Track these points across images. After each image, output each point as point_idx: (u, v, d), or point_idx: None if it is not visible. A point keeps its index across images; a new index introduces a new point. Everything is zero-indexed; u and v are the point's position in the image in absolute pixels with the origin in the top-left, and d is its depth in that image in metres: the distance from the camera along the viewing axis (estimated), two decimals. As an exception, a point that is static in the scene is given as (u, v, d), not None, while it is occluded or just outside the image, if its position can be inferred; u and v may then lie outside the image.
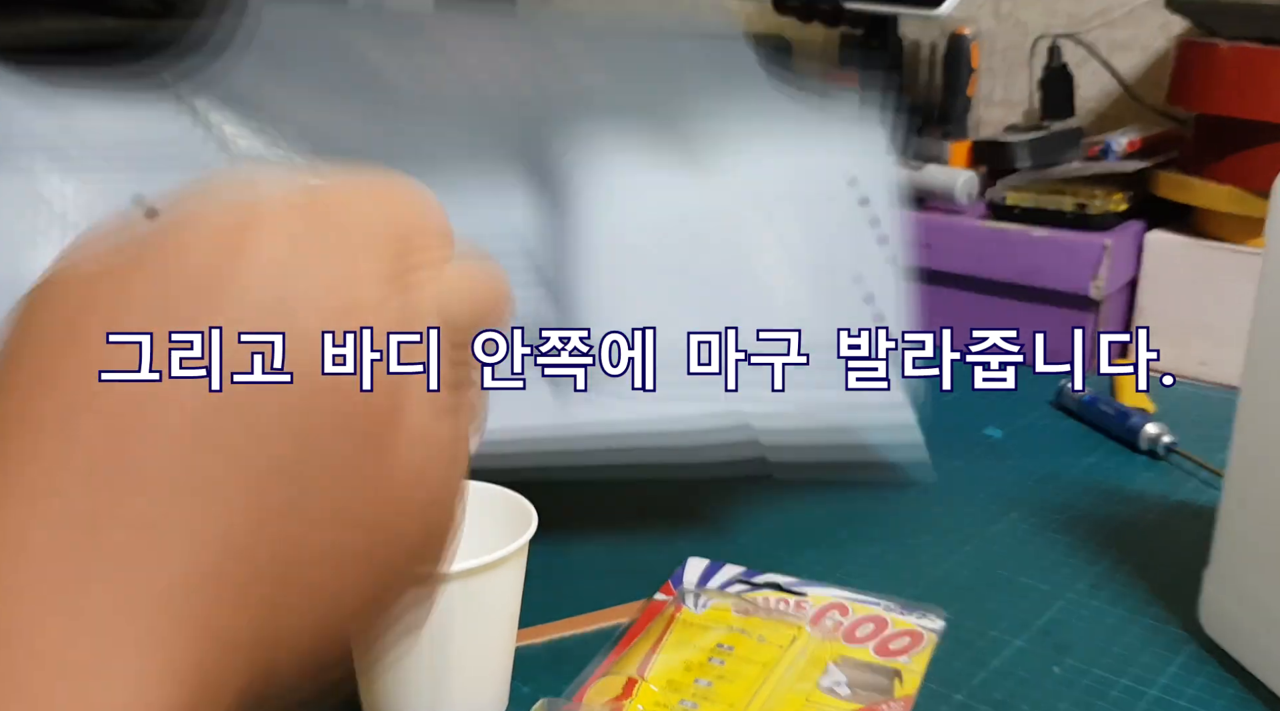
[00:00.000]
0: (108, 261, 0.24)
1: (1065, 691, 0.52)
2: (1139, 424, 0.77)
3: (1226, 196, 0.88)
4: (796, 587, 0.58)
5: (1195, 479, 0.74)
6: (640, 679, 0.50)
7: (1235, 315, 0.88)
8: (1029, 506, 0.69)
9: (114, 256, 0.24)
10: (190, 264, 0.24)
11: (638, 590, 0.59)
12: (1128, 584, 0.61)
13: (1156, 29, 1.05)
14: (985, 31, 1.13)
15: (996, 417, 0.83)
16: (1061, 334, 1.01)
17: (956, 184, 0.95)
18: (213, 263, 0.24)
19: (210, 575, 0.22)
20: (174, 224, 0.24)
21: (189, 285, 0.23)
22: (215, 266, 0.24)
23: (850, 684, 0.51)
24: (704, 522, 0.66)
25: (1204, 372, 0.91)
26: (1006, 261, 0.92)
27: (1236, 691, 0.52)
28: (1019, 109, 1.13)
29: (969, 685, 0.52)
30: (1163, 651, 0.55)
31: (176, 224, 0.24)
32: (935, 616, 0.56)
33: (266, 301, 0.24)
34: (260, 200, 0.25)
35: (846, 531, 0.66)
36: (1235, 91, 0.85)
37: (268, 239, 0.24)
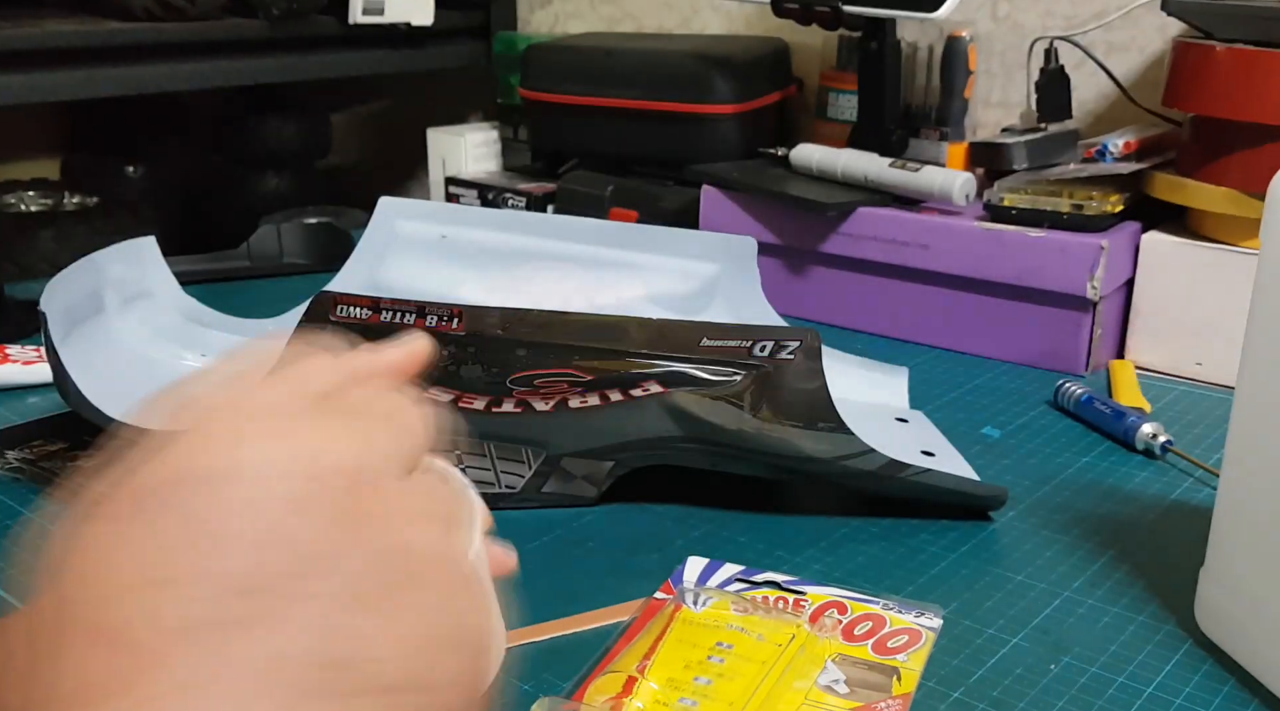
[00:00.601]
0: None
1: (1062, 689, 0.52)
2: (1135, 423, 0.77)
3: (1222, 198, 0.88)
4: (795, 586, 0.59)
5: (1191, 478, 0.74)
6: (640, 677, 0.51)
7: (1231, 315, 0.88)
8: (1026, 505, 0.70)
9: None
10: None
11: (637, 589, 0.59)
12: (1124, 582, 0.61)
13: (1153, 31, 1.05)
14: (982, 34, 1.13)
15: (994, 417, 0.83)
16: (1058, 334, 1.02)
17: (954, 186, 0.95)
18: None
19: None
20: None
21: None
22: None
23: (849, 682, 0.51)
24: (704, 522, 0.67)
25: (1200, 373, 0.91)
26: (1003, 262, 0.92)
27: (1232, 689, 0.52)
28: (1016, 111, 1.13)
29: (966, 683, 0.52)
30: (1159, 649, 0.55)
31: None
32: (933, 614, 0.56)
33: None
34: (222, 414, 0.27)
35: (845, 530, 0.66)
36: (1231, 93, 0.86)
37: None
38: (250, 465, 0.25)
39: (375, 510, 0.26)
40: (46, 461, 0.71)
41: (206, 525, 0.24)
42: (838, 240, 1.00)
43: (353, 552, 0.25)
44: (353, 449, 0.27)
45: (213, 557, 0.24)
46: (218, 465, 0.25)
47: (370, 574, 0.25)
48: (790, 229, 1.03)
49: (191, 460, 0.25)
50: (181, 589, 0.23)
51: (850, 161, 1.02)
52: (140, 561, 0.24)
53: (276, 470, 0.25)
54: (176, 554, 0.24)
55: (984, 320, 0.95)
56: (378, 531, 0.26)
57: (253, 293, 0.85)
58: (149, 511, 0.25)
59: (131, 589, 0.24)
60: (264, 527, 0.24)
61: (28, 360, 0.84)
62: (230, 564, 0.24)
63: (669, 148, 1.17)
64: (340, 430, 0.27)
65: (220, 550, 0.24)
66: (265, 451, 0.25)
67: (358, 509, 0.26)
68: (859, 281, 1.01)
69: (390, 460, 0.28)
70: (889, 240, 0.97)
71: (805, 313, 1.05)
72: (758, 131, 1.18)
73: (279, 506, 0.25)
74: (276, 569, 0.24)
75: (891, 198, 1.00)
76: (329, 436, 0.27)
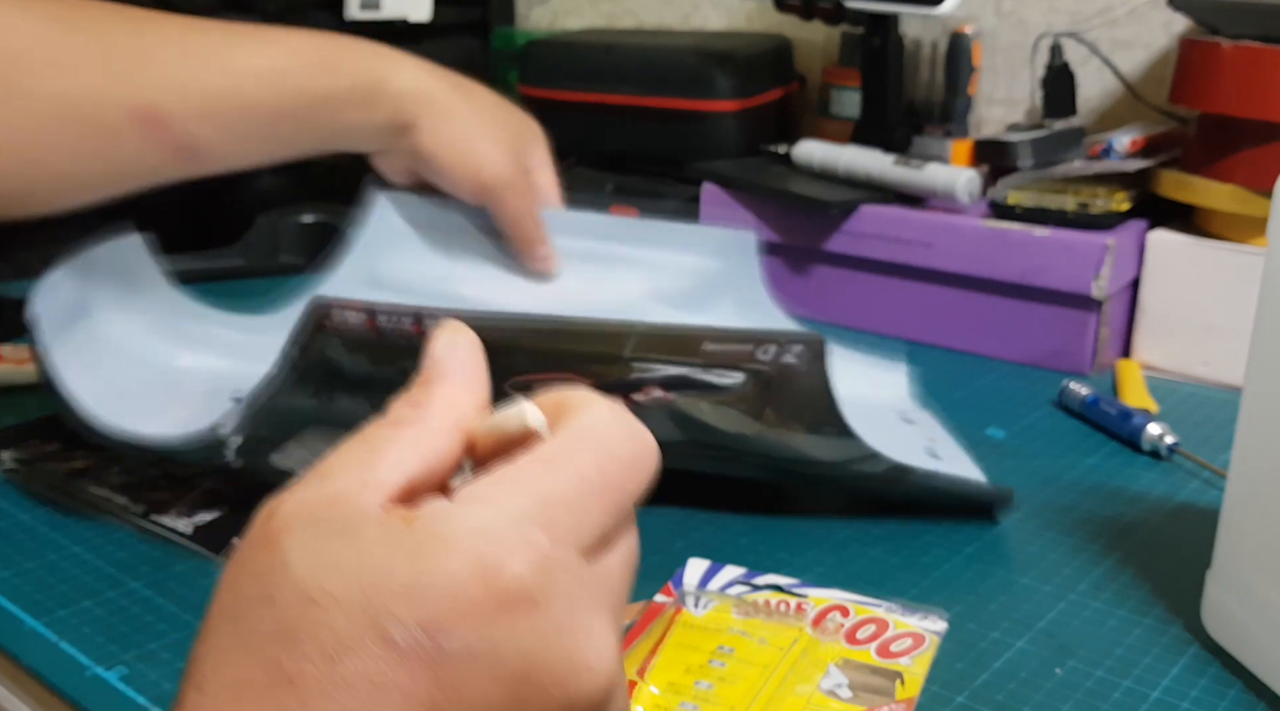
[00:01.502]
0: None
1: (1068, 693, 0.52)
2: (1142, 424, 0.77)
3: (1229, 196, 0.87)
4: (797, 589, 0.58)
5: (1198, 479, 0.73)
6: (640, 681, 0.50)
7: (1238, 315, 0.87)
8: (1031, 507, 0.69)
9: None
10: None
11: (638, 591, 0.58)
12: (1130, 585, 0.61)
13: (1159, 27, 1.05)
14: (987, 30, 1.12)
15: (999, 418, 0.82)
16: (1064, 334, 1.02)
17: (958, 183, 0.94)
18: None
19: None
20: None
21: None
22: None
23: (852, 686, 0.51)
24: (705, 524, 0.66)
25: (1207, 373, 0.90)
26: (1008, 261, 0.91)
27: (1239, 693, 0.52)
28: (1021, 108, 1.12)
29: (971, 687, 0.52)
30: (1165, 653, 0.55)
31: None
32: (937, 618, 0.55)
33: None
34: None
35: (848, 532, 0.66)
36: (1238, 90, 0.85)
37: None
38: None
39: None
40: (42, 462, 0.70)
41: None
42: (840, 238, 1.00)
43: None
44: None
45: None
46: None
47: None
48: (792, 227, 1.03)
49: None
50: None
51: (853, 159, 1.01)
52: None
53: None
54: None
55: (988, 319, 0.95)
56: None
57: (248, 292, 0.85)
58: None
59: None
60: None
61: (21, 360, 0.84)
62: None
63: (669, 145, 1.17)
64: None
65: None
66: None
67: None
68: (861, 280, 1.01)
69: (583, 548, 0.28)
70: (892, 238, 0.97)
71: (807, 311, 1.04)
72: (759, 128, 1.17)
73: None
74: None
75: (895, 195, 0.99)
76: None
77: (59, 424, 0.76)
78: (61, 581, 0.59)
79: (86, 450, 0.71)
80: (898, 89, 1.04)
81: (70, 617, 0.56)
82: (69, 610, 0.56)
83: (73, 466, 0.69)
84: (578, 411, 0.30)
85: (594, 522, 0.28)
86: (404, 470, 0.28)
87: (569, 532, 0.27)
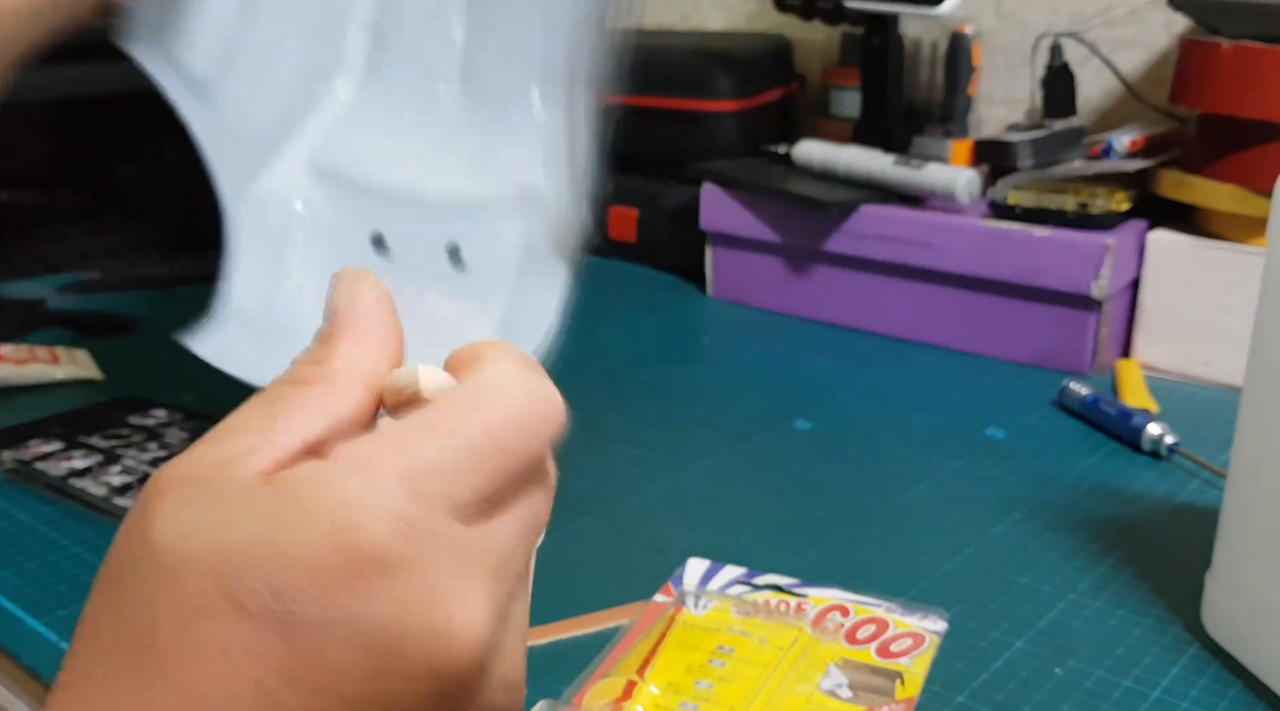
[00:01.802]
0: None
1: (1067, 693, 0.52)
2: (1142, 424, 0.77)
3: (1229, 196, 0.87)
4: (797, 589, 0.58)
5: (1198, 479, 0.73)
6: (640, 680, 0.50)
7: (1238, 315, 0.87)
8: (1031, 507, 0.69)
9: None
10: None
11: (638, 591, 0.59)
12: (1130, 585, 0.61)
13: (1159, 27, 1.05)
14: (986, 30, 1.12)
15: (999, 418, 0.82)
16: (1064, 334, 1.01)
17: (958, 183, 0.94)
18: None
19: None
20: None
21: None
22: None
23: (852, 686, 0.51)
24: (705, 524, 0.66)
25: (1207, 373, 0.90)
26: (1008, 261, 0.91)
27: (1239, 693, 0.52)
28: (1021, 108, 1.12)
29: (971, 687, 0.52)
30: (1165, 653, 0.55)
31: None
32: (937, 618, 0.56)
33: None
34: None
35: (848, 532, 0.66)
36: (1238, 90, 0.85)
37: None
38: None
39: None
40: (42, 462, 0.70)
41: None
42: (840, 238, 1.00)
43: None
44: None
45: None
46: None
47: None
48: (792, 227, 1.03)
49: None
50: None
51: (853, 159, 1.01)
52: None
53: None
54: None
55: (988, 319, 0.95)
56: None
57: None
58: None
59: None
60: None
61: (21, 360, 0.84)
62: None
63: (670, 145, 1.17)
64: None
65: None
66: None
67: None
68: (861, 280, 1.01)
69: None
70: (892, 238, 0.97)
71: (807, 312, 1.04)
72: (759, 128, 1.17)
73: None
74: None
75: (895, 195, 0.99)
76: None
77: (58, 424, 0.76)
78: (61, 581, 0.59)
79: (86, 450, 0.71)
80: (898, 89, 1.04)
81: (70, 617, 0.56)
82: (69, 610, 0.56)
83: (73, 466, 0.69)
84: (482, 368, 0.29)
85: (474, 486, 0.27)
86: (301, 435, 0.27)
87: (441, 497, 0.26)
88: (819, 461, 0.75)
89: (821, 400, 0.85)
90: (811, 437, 0.78)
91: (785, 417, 0.82)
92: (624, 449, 0.76)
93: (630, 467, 0.73)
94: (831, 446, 0.77)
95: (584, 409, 0.94)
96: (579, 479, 0.72)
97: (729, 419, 0.81)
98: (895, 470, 0.74)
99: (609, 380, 0.88)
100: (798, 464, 0.74)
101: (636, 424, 0.80)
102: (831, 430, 0.80)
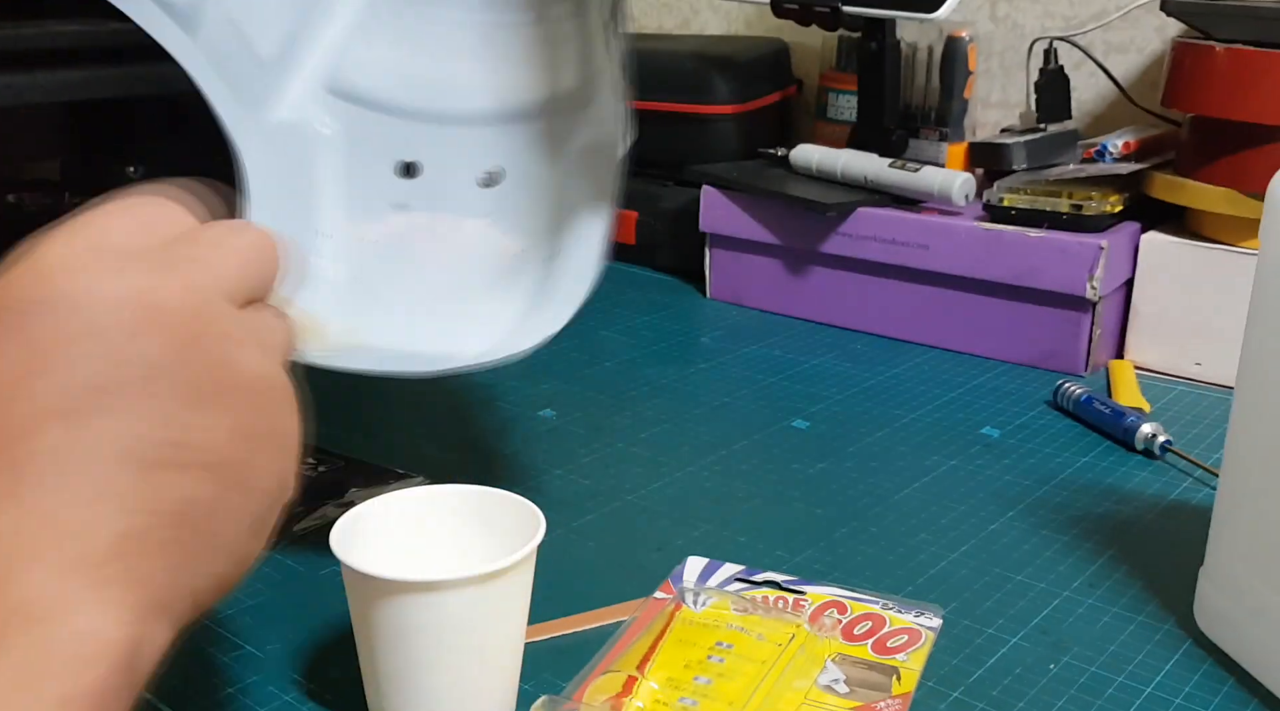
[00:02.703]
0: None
1: (1062, 689, 0.52)
2: (1135, 423, 0.77)
3: (1221, 198, 0.88)
4: (795, 586, 0.59)
5: (1191, 478, 0.74)
6: (640, 676, 0.51)
7: (1230, 316, 0.88)
8: (1025, 505, 0.70)
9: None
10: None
11: (637, 588, 0.59)
12: (1124, 582, 0.61)
13: (1152, 32, 1.05)
14: (982, 34, 1.13)
15: (993, 417, 0.83)
16: (1058, 334, 1.02)
17: (954, 186, 0.95)
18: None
19: (135, 536, 0.29)
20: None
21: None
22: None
23: (848, 681, 0.51)
24: (703, 521, 0.67)
25: (1199, 373, 0.91)
26: (1003, 262, 0.92)
27: (1231, 689, 0.52)
28: (1015, 111, 1.13)
29: (966, 682, 0.53)
30: (1158, 649, 0.55)
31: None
32: (933, 614, 0.56)
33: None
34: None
35: (844, 530, 0.66)
36: (1230, 94, 0.86)
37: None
38: (85, 296, 0.30)
39: (208, 332, 0.32)
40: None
41: (54, 345, 0.29)
42: (837, 240, 1.00)
43: (187, 364, 0.30)
44: (192, 283, 0.32)
45: (62, 368, 0.29)
46: (56, 296, 0.30)
47: (202, 382, 0.31)
48: (790, 229, 1.03)
49: (34, 289, 0.30)
50: (41, 382, 0.29)
51: (850, 162, 1.02)
52: (4, 367, 0.29)
53: (110, 303, 0.30)
54: (31, 363, 0.29)
55: (983, 320, 0.95)
56: (208, 349, 0.31)
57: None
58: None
59: (4, 384, 0.29)
60: (105, 349, 0.29)
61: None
62: (79, 372, 0.29)
63: (669, 148, 1.17)
64: (182, 265, 0.33)
65: (69, 363, 0.29)
66: (101, 285, 0.30)
67: (191, 331, 0.31)
68: (858, 281, 1.01)
69: (227, 294, 0.33)
70: (888, 240, 0.97)
71: (805, 313, 1.05)
72: (757, 132, 1.18)
73: (117, 333, 0.30)
74: (120, 376, 0.29)
75: (891, 198, 1.00)
76: (167, 272, 0.32)
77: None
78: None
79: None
80: (894, 93, 1.04)
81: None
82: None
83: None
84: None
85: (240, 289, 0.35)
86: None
87: (217, 287, 0.34)
88: (816, 460, 0.75)
89: (819, 399, 0.86)
90: (809, 436, 0.79)
91: (783, 417, 0.82)
92: (624, 448, 0.77)
93: (630, 467, 0.74)
94: (829, 445, 0.78)
95: (584, 409, 0.95)
96: (579, 478, 0.72)
97: (728, 418, 0.82)
98: (892, 468, 0.74)
99: (609, 380, 0.89)
100: (795, 462, 0.75)
101: (636, 424, 0.81)
102: (829, 429, 0.80)
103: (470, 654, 0.46)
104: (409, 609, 0.45)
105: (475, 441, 0.78)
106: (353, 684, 0.50)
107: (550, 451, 0.76)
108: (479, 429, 0.80)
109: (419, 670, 0.46)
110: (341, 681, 0.52)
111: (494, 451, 0.76)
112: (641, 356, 0.95)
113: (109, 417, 0.29)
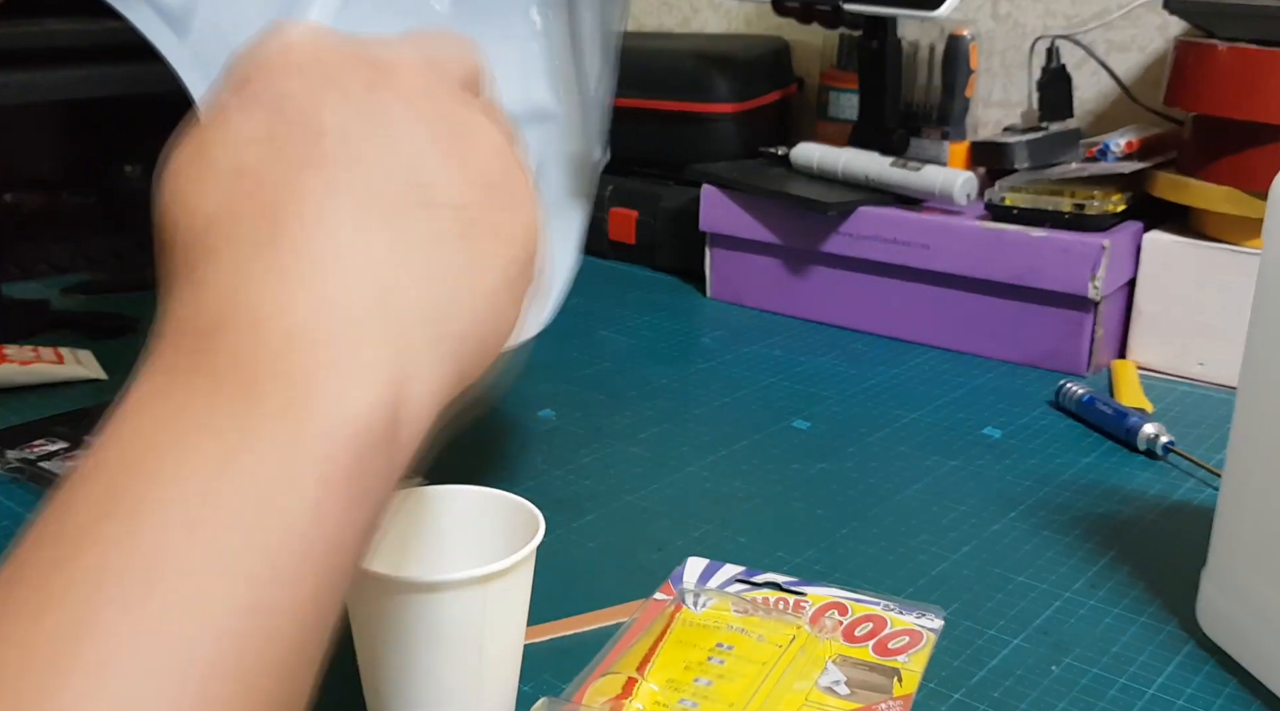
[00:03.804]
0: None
1: (1063, 690, 0.52)
2: (1137, 424, 0.77)
3: (1224, 197, 0.88)
4: (796, 587, 0.58)
5: (1193, 478, 0.74)
6: (640, 678, 0.50)
7: (1233, 315, 0.88)
8: (1027, 506, 0.69)
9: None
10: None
11: (638, 590, 0.59)
12: (1126, 583, 0.61)
13: (1154, 30, 1.05)
14: (984, 33, 1.13)
15: (995, 417, 0.83)
16: (1060, 334, 1.02)
17: (955, 185, 0.95)
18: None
19: (385, 297, 0.29)
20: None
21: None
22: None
23: (849, 683, 0.51)
24: (704, 522, 0.67)
25: (1202, 373, 0.91)
26: (1005, 262, 0.92)
27: (1234, 690, 0.52)
28: (1017, 110, 1.13)
29: (968, 684, 0.52)
30: (1161, 650, 0.55)
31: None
32: (934, 615, 0.56)
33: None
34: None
35: (845, 531, 0.66)
36: (1232, 92, 0.86)
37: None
38: (328, 55, 0.32)
39: (439, 91, 0.33)
40: (46, 461, 0.71)
41: (299, 101, 0.31)
42: (838, 240, 1.00)
43: (422, 117, 0.32)
44: (422, 51, 0.34)
45: (311, 120, 0.30)
46: (301, 59, 0.32)
47: (438, 131, 0.32)
48: (791, 228, 1.03)
49: (278, 56, 0.32)
50: (290, 135, 0.30)
51: (851, 161, 1.02)
52: (242, 128, 0.31)
53: (349, 60, 0.32)
54: (277, 120, 0.31)
55: (985, 320, 0.95)
56: (442, 104, 0.33)
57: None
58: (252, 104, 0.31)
59: (256, 141, 0.30)
60: (346, 101, 0.31)
61: (25, 360, 0.84)
62: (327, 122, 0.30)
63: (669, 147, 1.17)
64: (412, 41, 0.34)
65: (316, 115, 0.31)
66: (339, 48, 0.32)
67: (425, 86, 0.33)
68: (860, 281, 1.01)
69: (454, 74, 0.35)
70: (890, 240, 0.97)
71: (805, 313, 1.05)
72: (758, 131, 1.18)
73: (356, 84, 0.31)
74: (363, 126, 0.31)
75: (892, 197, 1.00)
76: (399, 44, 0.34)
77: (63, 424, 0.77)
78: (67, 580, 0.59)
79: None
80: (895, 91, 1.04)
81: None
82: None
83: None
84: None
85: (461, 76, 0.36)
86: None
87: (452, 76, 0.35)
88: (817, 460, 0.75)
89: (820, 400, 0.86)
90: (810, 437, 0.79)
91: (784, 417, 0.82)
92: (624, 449, 0.77)
93: (630, 467, 0.74)
94: (829, 445, 0.78)
95: (584, 409, 0.95)
96: (579, 478, 0.72)
97: (728, 418, 0.82)
98: (893, 469, 0.74)
99: (609, 380, 0.89)
100: (796, 463, 0.75)
101: (636, 424, 0.81)
102: (830, 429, 0.80)
103: (470, 654, 0.46)
104: (409, 609, 0.45)
105: (475, 441, 0.78)
106: (352, 684, 0.50)
107: (550, 451, 0.76)
108: (479, 429, 0.80)
109: (419, 670, 0.46)
110: (341, 681, 0.51)
111: (494, 451, 0.76)
112: (641, 356, 0.95)
113: (357, 167, 0.30)
